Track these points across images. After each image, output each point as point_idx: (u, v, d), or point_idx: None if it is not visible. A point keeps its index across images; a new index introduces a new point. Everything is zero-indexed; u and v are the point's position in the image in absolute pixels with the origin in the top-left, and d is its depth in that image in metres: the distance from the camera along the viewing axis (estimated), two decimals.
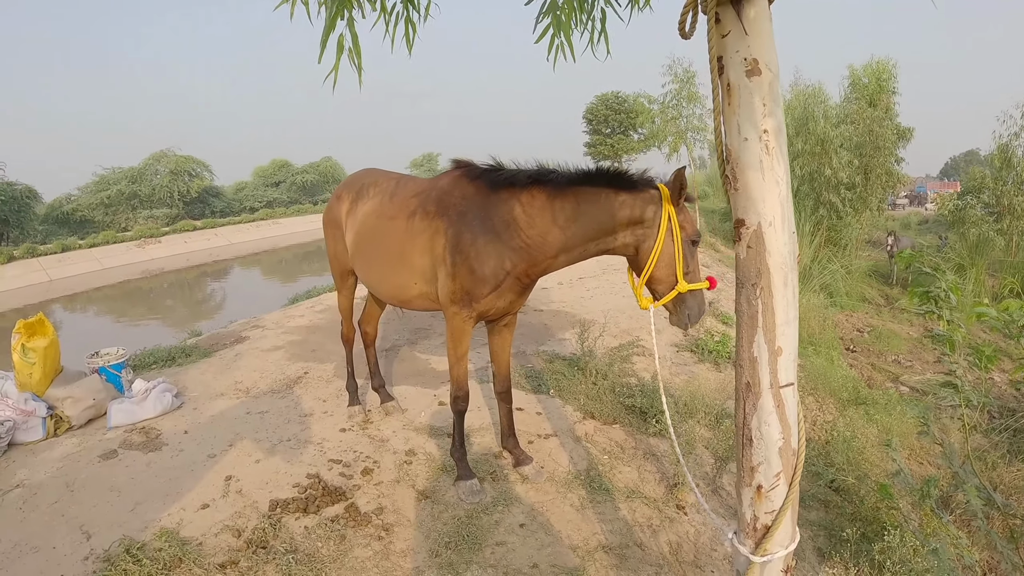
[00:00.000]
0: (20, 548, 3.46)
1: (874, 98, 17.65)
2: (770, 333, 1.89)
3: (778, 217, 1.84)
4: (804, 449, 2.03)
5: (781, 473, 2.00)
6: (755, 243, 1.86)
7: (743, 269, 1.92)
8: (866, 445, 5.45)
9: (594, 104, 46.23)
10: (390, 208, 4.26)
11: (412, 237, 3.99)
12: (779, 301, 1.87)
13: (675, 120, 19.27)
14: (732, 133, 1.86)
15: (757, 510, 2.06)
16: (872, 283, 15.80)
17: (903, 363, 10.20)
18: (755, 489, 2.04)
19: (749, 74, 1.78)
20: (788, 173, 1.87)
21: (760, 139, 1.80)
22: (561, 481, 4.23)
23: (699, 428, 5.08)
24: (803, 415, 2.04)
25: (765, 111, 1.79)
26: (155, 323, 18.38)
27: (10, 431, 4.63)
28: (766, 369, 1.91)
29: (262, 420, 5.03)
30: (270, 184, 49.52)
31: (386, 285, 4.36)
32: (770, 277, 1.87)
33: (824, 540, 4.21)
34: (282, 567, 3.28)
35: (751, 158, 1.82)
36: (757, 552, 2.06)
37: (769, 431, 1.96)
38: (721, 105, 1.91)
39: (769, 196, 1.83)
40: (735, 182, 1.87)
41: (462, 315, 3.82)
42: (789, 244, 1.87)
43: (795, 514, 2.09)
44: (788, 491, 2.01)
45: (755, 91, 1.79)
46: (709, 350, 6.96)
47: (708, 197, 27.29)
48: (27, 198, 32.02)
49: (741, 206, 1.88)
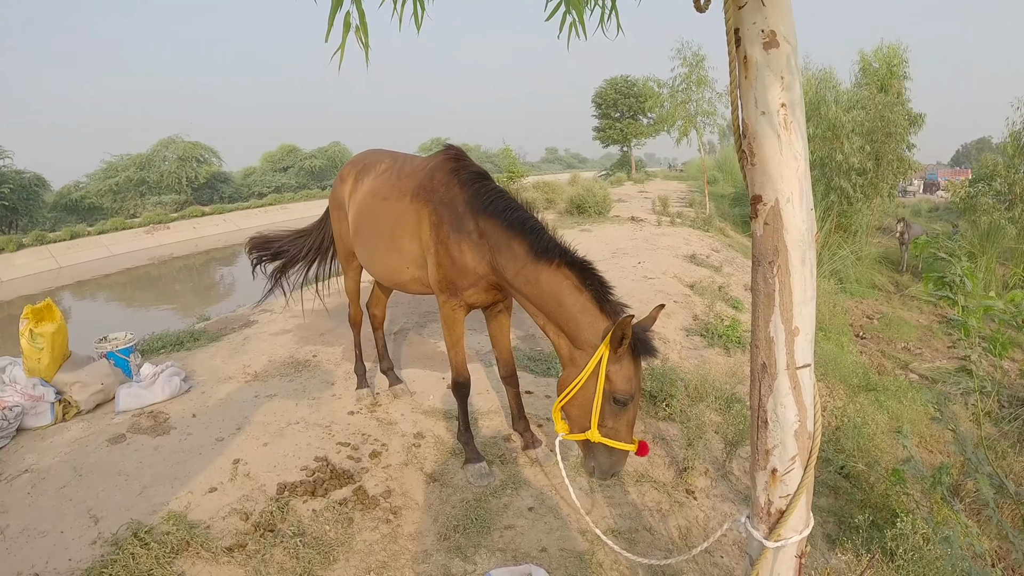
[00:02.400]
0: (28, 532, 3.45)
1: (885, 83, 17.48)
2: (787, 312, 1.85)
3: (796, 193, 1.80)
4: (820, 432, 1.99)
5: (796, 456, 1.96)
6: (772, 220, 1.82)
7: (760, 246, 1.87)
8: (876, 432, 5.42)
9: (603, 88, 45.97)
10: (384, 188, 4.26)
11: (402, 220, 3.99)
12: (796, 280, 1.83)
13: (684, 104, 19.13)
14: (749, 107, 1.81)
15: (771, 494, 2.02)
16: (882, 270, 15.73)
17: (913, 351, 10.14)
18: (770, 473, 2.00)
19: (767, 46, 1.74)
20: (806, 149, 1.82)
21: (778, 113, 1.75)
22: (570, 465, 4.21)
23: (709, 413, 5.06)
24: (819, 398, 1.99)
25: (783, 84, 1.75)
26: (164, 309, 18.43)
27: (19, 416, 4.63)
28: (783, 349, 1.87)
29: (270, 403, 5.01)
30: (278, 169, 49.43)
31: (380, 267, 4.38)
32: (787, 255, 1.82)
33: (834, 527, 4.19)
34: (290, 550, 3.27)
35: (768, 132, 1.77)
36: (771, 537, 2.03)
37: (785, 413, 1.92)
38: (738, 78, 1.86)
39: (787, 171, 1.78)
40: (752, 157, 1.83)
41: (451, 303, 3.82)
42: (807, 221, 1.83)
43: (810, 499, 2.05)
44: (803, 475, 1.98)
45: (773, 64, 1.74)
46: (719, 335, 6.92)
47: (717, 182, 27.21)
48: (36, 186, 32.08)
49: (758, 182, 1.83)
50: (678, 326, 7.27)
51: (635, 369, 3.09)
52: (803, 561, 2.11)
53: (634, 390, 3.08)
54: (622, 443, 3.10)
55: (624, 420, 3.11)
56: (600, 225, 15.55)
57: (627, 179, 41.87)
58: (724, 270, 11.28)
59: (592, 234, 14.06)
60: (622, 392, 3.04)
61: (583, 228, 14.98)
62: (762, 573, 2.09)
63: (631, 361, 3.07)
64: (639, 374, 3.13)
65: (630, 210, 19.41)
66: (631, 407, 3.11)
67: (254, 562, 3.20)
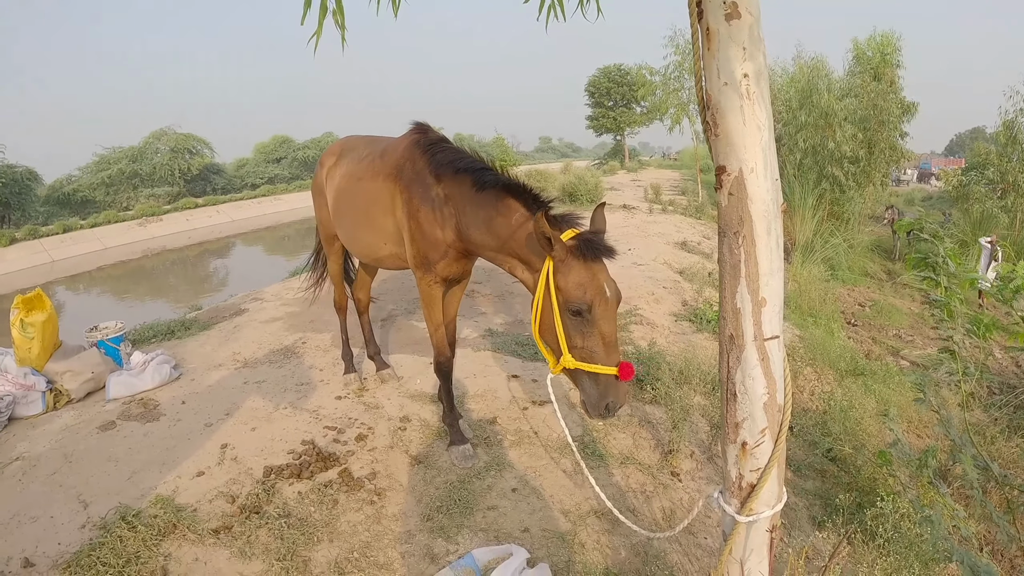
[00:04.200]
0: (19, 518, 3.48)
1: (878, 71, 17.42)
2: (753, 283, 1.85)
3: (760, 163, 1.79)
4: (791, 405, 2.00)
5: (767, 429, 1.97)
6: (736, 190, 1.82)
7: (725, 217, 1.87)
8: (863, 416, 5.44)
9: (596, 76, 45.79)
10: (359, 169, 4.32)
11: (377, 199, 4.03)
12: (762, 250, 1.83)
13: (677, 92, 19.09)
14: (712, 78, 1.81)
15: (742, 468, 2.03)
16: (875, 258, 15.73)
17: (904, 338, 10.17)
18: (740, 446, 2.01)
19: (728, 17, 1.74)
20: (771, 119, 1.82)
21: (741, 83, 1.75)
22: (554, 447, 4.24)
23: (695, 395, 5.09)
24: (789, 371, 2.00)
25: (745, 55, 1.74)
26: (158, 300, 18.40)
27: (10, 405, 4.64)
28: (749, 320, 1.88)
29: (259, 389, 5.04)
30: (271, 160, 49.20)
31: (359, 244, 4.43)
32: (752, 225, 1.82)
33: (820, 509, 4.22)
34: (275, 531, 3.30)
35: (731, 103, 1.77)
36: (743, 512, 2.04)
37: (753, 385, 1.93)
38: (701, 50, 1.86)
39: (750, 142, 1.78)
40: (715, 128, 1.82)
41: (427, 279, 3.84)
42: (772, 192, 1.83)
43: (782, 472, 2.06)
44: (774, 448, 1.98)
45: (734, 35, 1.74)
46: (707, 319, 6.95)
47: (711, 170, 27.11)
48: (28, 180, 31.81)
49: (722, 152, 1.83)
50: (667, 311, 7.30)
51: (587, 273, 2.83)
52: (775, 536, 2.11)
53: (591, 297, 2.80)
54: (599, 366, 2.80)
55: (595, 337, 2.81)
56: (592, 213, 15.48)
57: (621, 168, 41.81)
58: (715, 257, 11.28)
59: (583, 222, 14.01)
60: (574, 300, 2.80)
61: None
62: (735, 548, 2.10)
63: (580, 265, 2.84)
64: (596, 279, 2.84)
65: (622, 198, 19.39)
66: (600, 321, 2.81)
67: (239, 543, 3.23)
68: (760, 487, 2.00)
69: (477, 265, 9.38)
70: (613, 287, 2.89)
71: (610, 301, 2.85)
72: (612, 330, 2.85)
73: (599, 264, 2.90)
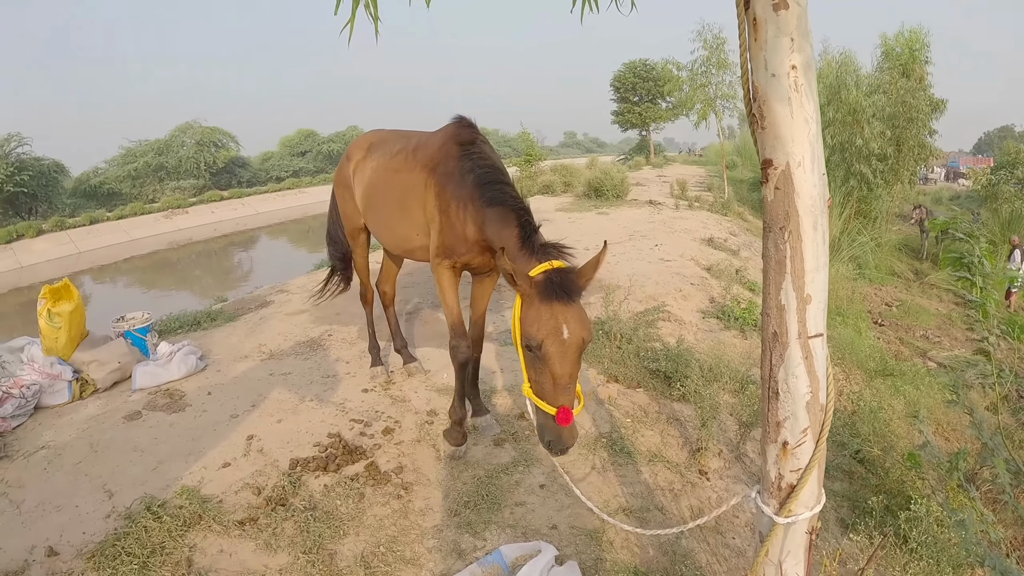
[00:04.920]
0: (44, 507, 3.50)
1: (907, 68, 17.16)
2: (799, 280, 1.81)
3: (807, 157, 1.76)
4: (833, 404, 1.95)
5: (808, 429, 1.92)
6: (783, 184, 1.78)
7: (771, 212, 1.83)
8: (892, 417, 5.36)
9: (622, 72, 45.51)
10: (393, 162, 4.31)
11: (412, 190, 4.01)
12: (808, 246, 1.79)
13: (704, 87, 18.86)
14: (759, 69, 1.78)
15: (782, 468, 1.99)
16: (902, 257, 15.54)
17: (931, 338, 10.02)
18: (780, 445, 1.97)
19: (776, 7, 1.69)
20: (818, 112, 1.78)
21: (788, 75, 1.72)
22: (583, 443, 4.20)
23: (723, 394, 5.02)
24: (832, 370, 1.95)
25: (793, 46, 1.71)
26: (184, 292, 18.59)
27: (36, 394, 4.68)
28: (794, 318, 1.84)
29: (285, 381, 5.05)
30: (296, 154, 49.59)
31: (391, 235, 4.44)
32: (799, 220, 1.78)
33: (848, 511, 4.15)
34: (300, 524, 3.30)
35: (778, 95, 1.74)
36: (781, 513, 1.99)
37: (797, 384, 1.88)
38: (747, 41, 1.82)
39: (798, 135, 1.74)
40: (762, 120, 1.79)
41: (444, 264, 3.83)
42: (819, 186, 1.79)
43: (822, 473, 2.01)
44: (815, 448, 1.94)
45: (782, 25, 1.70)
46: (735, 317, 6.88)
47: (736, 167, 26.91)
48: (55, 172, 32.33)
49: (769, 145, 1.79)
50: (694, 308, 7.24)
51: (545, 312, 2.76)
52: (814, 538, 2.07)
53: (542, 337, 2.73)
54: (544, 402, 2.79)
55: (546, 375, 2.77)
56: (618, 208, 15.48)
57: (646, 163, 41.54)
58: (742, 254, 11.21)
59: (609, 217, 14.00)
60: (527, 336, 2.77)
61: (600, 211, 14.92)
62: (772, 550, 2.06)
63: (540, 303, 2.78)
64: (554, 319, 2.76)
65: (648, 194, 19.28)
66: (551, 360, 2.74)
67: (265, 535, 3.23)
68: (800, 488, 1.96)
69: None
70: (575, 327, 2.78)
71: (567, 342, 2.75)
72: (564, 371, 2.77)
73: (562, 304, 2.80)
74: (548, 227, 11.50)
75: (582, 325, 2.81)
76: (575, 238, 11.03)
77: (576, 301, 2.85)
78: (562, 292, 2.79)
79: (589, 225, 12.82)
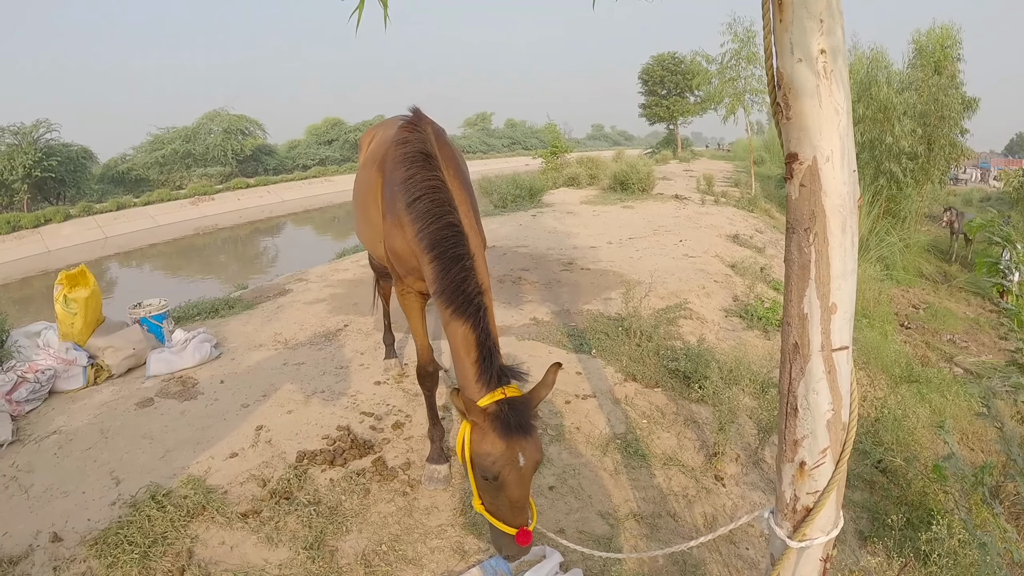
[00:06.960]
0: (51, 492, 3.50)
1: (939, 65, 16.73)
2: (824, 287, 1.67)
3: (837, 151, 1.61)
4: (856, 424, 1.83)
5: (828, 449, 1.81)
6: (809, 181, 1.64)
7: (795, 211, 1.70)
8: (917, 425, 5.20)
9: (650, 65, 45.19)
10: (366, 158, 4.04)
11: (371, 191, 3.61)
12: (835, 249, 1.65)
13: (733, 81, 18.53)
14: (784, 53, 1.62)
15: (798, 489, 1.87)
16: (930, 259, 15.19)
17: (959, 343, 9.77)
18: (797, 466, 1.85)
19: None
20: (849, 102, 1.63)
21: (817, 60, 1.56)
22: (596, 444, 4.11)
23: (743, 396, 4.90)
24: (856, 385, 1.83)
25: (822, 28, 1.55)
26: (208, 278, 18.74)
27: (51, 379, 4.69)
28: (817, 328, 1.71)
29: (298, 371, 5.01)
30: (323, 142, 49.91)
31: (363, 237, 4.17)
32: (826, 221, 1.64)
33: (867, 523, 4.04)
34: (303, 518, 3.26)
35: (806, 82, 1.58)
36: (795, 536, 1.88)
37: (817, 400, 1.76)
38: (772, 22, 1.66)
39: (827, 127, 1.59)
40: (787, 110, 1.63)
41: (400, 287, 3.55)
42: (849, 184, 1.64)
43: (840, 496, 1.90)
44: (835, 470, 1.82)
45: (810, 5, 1.55)
46: (758, 316, 6.73)
47: (764, 163, 26.52)
48: (83, 158, 32.78)
49: (794, 138, 1.64)
50: (717, 306, 7.10)
51: (499, 445, 2.54)
52: (828, 565, 1.94)
53: (498, 469, 2.54)
54: (502, 523, 2.64)
55: (502, 500, 2.61)
56: (643, 202, 15.31)
57: (673, 157, 41.13)
58: (767, 251, 11.03)
59: (634, 211, 13.86)
60: (483, 468, 2.58)
61: (625, 204, 14.76)
62: (783, 574, 1.95)
63: (492, 435, 2.55)
64: (509, 451, 2.55)
65: (674, 188, 19.05)
66: (508, 488, 2.57)
67: (267, 529, 3.19)
68: (816, 512, 1.85)
69: (525, 252, 9.26)
70: (531, 454, 2.60)
71: (523, 469, 2.58)
72: (521, 495, 2.63)
73: (518, 436, 2.59)
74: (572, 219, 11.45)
75: (537, 449, 2.64)
76: (598, 231, 10.96)
77: (533, 433, 2.65)
78: (517, 428, 2.58)
79: (613, 218, 12.70)
